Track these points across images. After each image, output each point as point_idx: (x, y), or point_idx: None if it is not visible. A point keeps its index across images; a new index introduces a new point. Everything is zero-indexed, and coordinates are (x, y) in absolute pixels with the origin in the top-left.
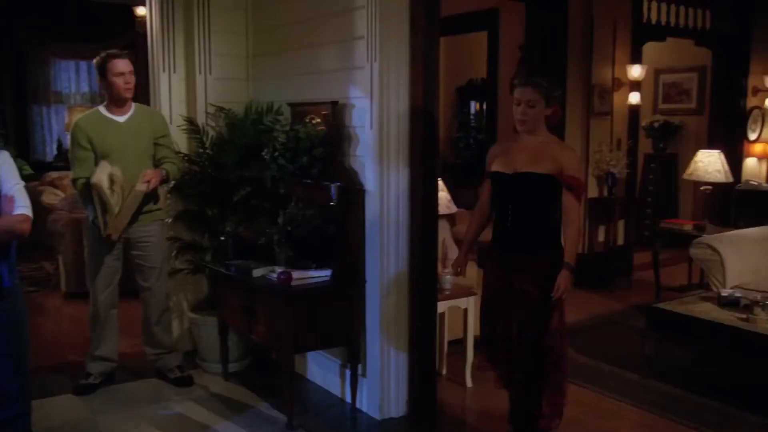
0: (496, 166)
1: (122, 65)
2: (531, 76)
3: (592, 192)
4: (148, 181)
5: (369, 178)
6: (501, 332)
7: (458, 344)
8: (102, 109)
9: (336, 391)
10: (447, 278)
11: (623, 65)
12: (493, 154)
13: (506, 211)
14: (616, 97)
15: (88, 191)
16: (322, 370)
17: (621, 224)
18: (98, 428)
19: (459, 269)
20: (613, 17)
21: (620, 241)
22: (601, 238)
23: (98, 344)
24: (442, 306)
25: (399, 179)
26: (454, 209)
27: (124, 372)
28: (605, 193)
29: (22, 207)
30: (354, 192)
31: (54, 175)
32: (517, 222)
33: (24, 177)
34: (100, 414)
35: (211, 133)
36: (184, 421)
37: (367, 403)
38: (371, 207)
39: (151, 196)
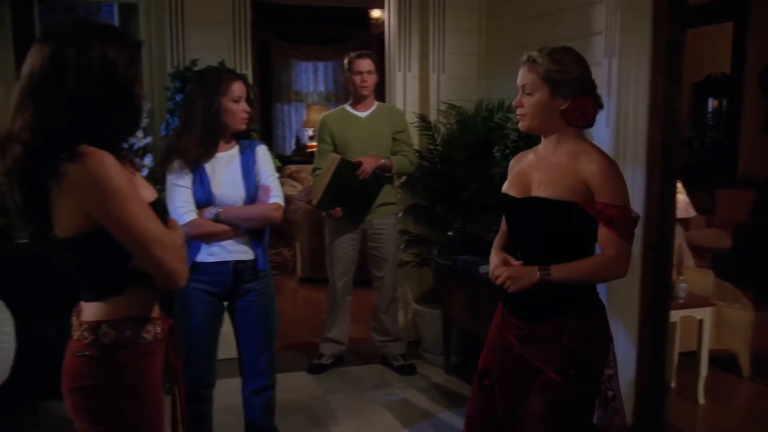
0: (508, 185)
1: (362, 65)
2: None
3: None
4: (360, 162)
5: None
6: (502, 416)
7: (690, 357)
8: (347, 106)
9: None
10: (682, 286)
11: None
12: (511, 167)
13: (514, 251)
14: None
15: None
16: None
17: None
18: (329, 406)
19: None
20: None
21: None
22: None
23: (332, 327)
24: (674, 315)
25: (635, 179)
26: (692, 213)
27: (352, 355)
28: None
29: (276, 197)
30: None
31: (292, 168)
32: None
33: None
34: (329, 393)
35: (442, 130)
36: (408, 407)
37: None
38: None
39: (380, 183)
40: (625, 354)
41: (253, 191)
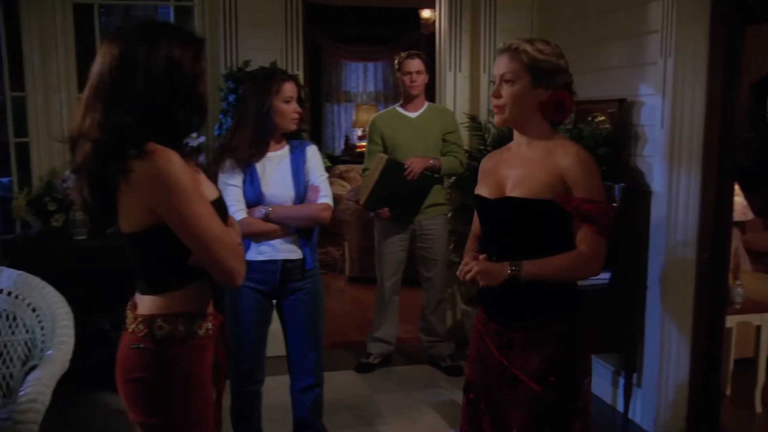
0: (480, 186)
1: (412, 65)
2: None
3: None
4: (409, 164)
5: (656, 180)
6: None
7: (746, 364)
8: (398, 106)
9: (607, 398)
10: (738, 291)
11: None
12: (483, 167)
13: (489, 255)
14: None
15: None
16: (593, 375)
17: None
18: (376, 405)
19: None
20: None
21: None
22: None
23: (379, 327)
24: (730, 320)
25: (690, 181)
26: (750, 216)
27: (399, 355)
28: None
29: (325, 197)
30: (640, 193)
31: (341, 168)
32: None
33: None
34: (377, 392)
35: (492, 130)
36: (455, 408)
37: (640, 414)
38: (657, 210)
39: (429, 183)
40: (678, 359)
41: (303, 191)
